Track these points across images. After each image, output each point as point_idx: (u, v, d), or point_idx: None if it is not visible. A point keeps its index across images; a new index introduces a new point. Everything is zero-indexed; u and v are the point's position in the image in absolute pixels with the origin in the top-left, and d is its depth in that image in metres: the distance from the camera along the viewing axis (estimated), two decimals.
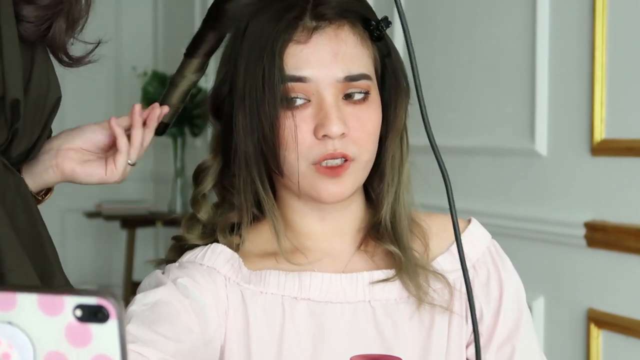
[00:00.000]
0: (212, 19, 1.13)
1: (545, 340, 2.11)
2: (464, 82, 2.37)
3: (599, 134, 1.93)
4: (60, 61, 1.04)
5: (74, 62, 1.04)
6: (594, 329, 1.96)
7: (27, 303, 0.55)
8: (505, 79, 2.22)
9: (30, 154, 1.05)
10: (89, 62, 1.05)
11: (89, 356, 0.55)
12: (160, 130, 1.18)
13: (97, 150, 1.12)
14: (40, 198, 1.14)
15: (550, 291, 2.10)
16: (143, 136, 1.11)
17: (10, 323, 0.55)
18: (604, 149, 1.93)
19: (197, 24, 1.12)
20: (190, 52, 1.18)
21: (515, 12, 2.18)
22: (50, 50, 1.03)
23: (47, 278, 1.02)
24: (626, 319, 1.88)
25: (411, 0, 2.57)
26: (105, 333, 0.55)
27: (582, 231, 1.98)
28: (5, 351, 0.54)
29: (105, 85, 4.78)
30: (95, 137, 1.12)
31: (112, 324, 0.54)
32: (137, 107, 1.11)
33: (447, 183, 0.93)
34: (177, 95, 1.19)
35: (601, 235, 1.94)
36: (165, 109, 1.15)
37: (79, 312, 0.55)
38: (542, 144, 2.11)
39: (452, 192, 0.94)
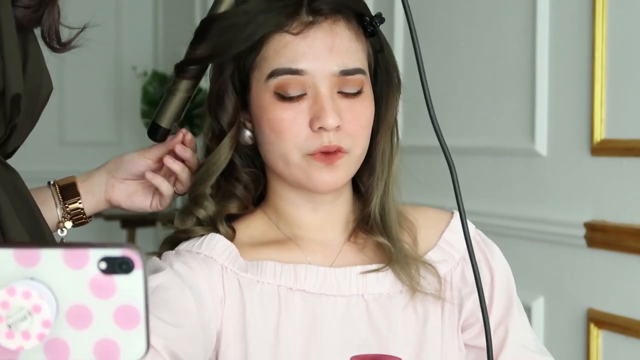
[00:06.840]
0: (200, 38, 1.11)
1: (545, 340, 2.11)
2: (464, 82, 2.37)
3: (599, 134, 1.94)
4: (52, 47, 1.03)
5: (64, 47, 1.04)
6: (593, 329, 1.96)
7: (51, 258, 0.57)
8: (505, 79, 2.22)
9: (17, 149, 1.05)
10: (74, 46, 1.05)
11: (112, 307, 0.57)
12: (161, 137, 1.19)
13: (140, 177, 1.20)
14: (88, 220, 1.22)
15: (550, 291, 2.10)
16: (181, 170, 1.17)
17: (32, 278, 0.57)
18: (603, 149, 1.93)
19: (197, 24, 1.12)
20: (181, 72, 1.15)
21: (515, 12, 2.18)
22: (43, 36, 1.02)
23: None
24: (626, 319, 1.88)
25: (411, 0, 2.57)
26: (129, 283, 0.57)
27: (582, 231, 1.98)
28: (36, 303, 0.56)
29: (105, 85, 4.77)
30: (134, 167, 1.20)
31: (137, 274, 0.57)
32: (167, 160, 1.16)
33: (455, 181, 0.95)
34: (173, 109, 1.18)
35: (601, 236, 1.94)
36: (189, 135, 1.18)
37: (103, 265, 0.57)
38: (542, 144, 2.11)
39: (459, 190, 0.96)
